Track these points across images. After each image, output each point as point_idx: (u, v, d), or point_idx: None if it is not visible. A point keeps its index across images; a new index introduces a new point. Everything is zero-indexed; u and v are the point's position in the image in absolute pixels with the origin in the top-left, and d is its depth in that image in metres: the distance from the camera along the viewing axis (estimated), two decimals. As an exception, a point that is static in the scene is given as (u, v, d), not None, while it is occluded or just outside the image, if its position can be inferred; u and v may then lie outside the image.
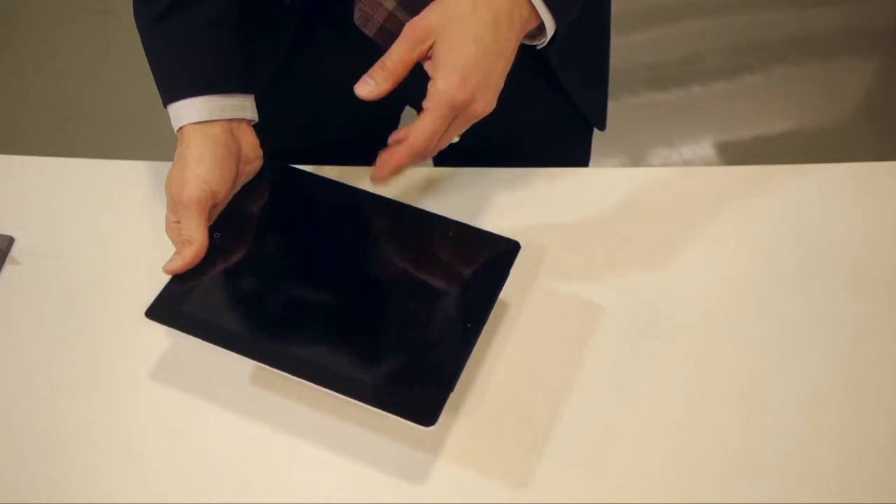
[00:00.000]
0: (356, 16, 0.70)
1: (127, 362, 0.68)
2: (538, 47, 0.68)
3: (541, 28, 0.66)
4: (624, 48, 2.14)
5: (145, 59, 0.72)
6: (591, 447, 0.63)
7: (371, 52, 0.66)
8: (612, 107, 0.92)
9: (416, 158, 0.64)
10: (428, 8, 0.62)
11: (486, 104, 0.62)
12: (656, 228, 0.77)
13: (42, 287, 0.73)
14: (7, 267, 0.74)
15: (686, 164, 1.94)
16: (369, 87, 0.63)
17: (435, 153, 0.65)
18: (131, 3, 0.71)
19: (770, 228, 0.77)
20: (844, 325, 0.70)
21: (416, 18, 0.62)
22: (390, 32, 0.70)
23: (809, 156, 1.95)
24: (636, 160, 1.96)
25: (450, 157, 0.80)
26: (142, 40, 0.71)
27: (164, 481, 0.61)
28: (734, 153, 1.97)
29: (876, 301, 0.72)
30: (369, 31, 0.71)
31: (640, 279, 0.73)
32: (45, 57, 2.16)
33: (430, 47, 0.62)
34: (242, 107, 0.70)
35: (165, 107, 0.69)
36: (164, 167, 0.81)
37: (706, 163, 1.95)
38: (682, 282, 0.73)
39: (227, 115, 0.69)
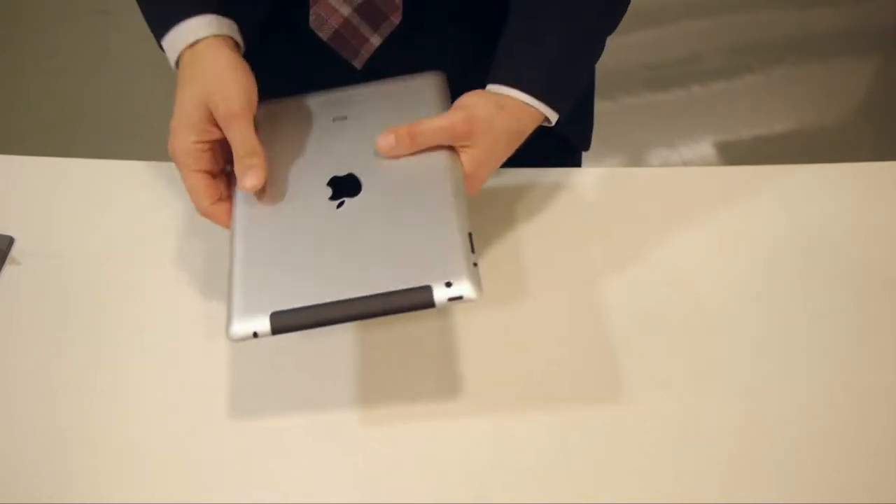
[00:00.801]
0: (311, 19, 0.71)
1: (127, 362, 0.68)
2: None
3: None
4: (624, 48, 2.14)
5: (145, 59, 0.72)
6: (591, 447, 0.63)
7: (324, 53, 0.68)
8: (612, 107, 0.92)
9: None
10: (473, 111, 0.64)
11: (487, 174, 0.66)
12: (656, 228, 0.77)
13: (42, 287, 0.73)
14: (7, 267, 0.74)
15: (686, 164, 1.94)
16: (390, 144, 0.63)
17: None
18: (132, 3, 0.70)
19: (770, 228, 0.77)
20: (844, 325, 0.70)
21: (470, 116, 0.64)
22: (344, 37, 0.72)
23: (809, 156, 1.95)
24: (636, 160, 1.96)
25: None
26: None
27: (164, 481, 0.61)
28: (734, 153, 1.97)
29: (876, 301, 0.72)
30: (323, 35, 0.72)
31: (640, 279, 0.73)
32: (45, 57, 2.16)
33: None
34: (240, 31, 0.68)
35: (166, 31, 0.65)
36: (165, 167, 0.81)
37: (706, 163, 1.95)
38: (682, 282, 0.73)
39: (237, 37, 0.67)
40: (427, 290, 0.56)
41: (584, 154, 0.96)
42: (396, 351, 0.68)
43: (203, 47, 0.64)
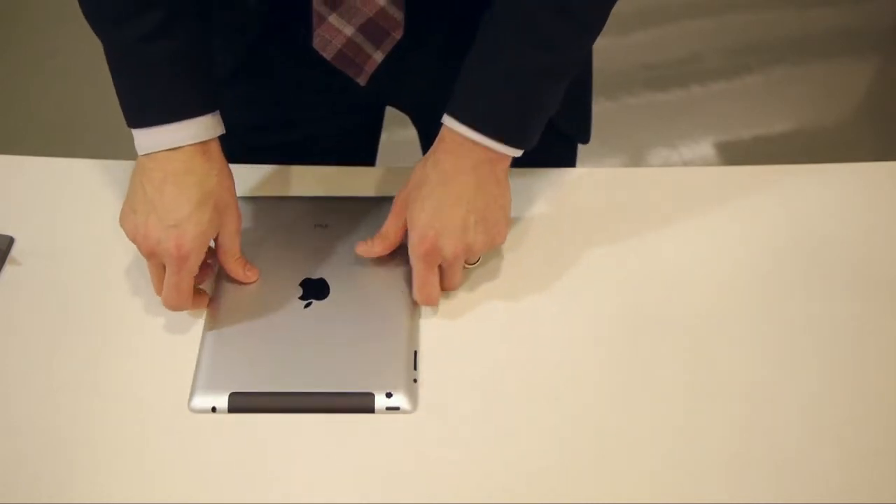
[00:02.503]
0: (315, 40, 0.72)
1: (127, 362, 0.68)
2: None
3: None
4: (624, 48, 2.14)
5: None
6: (591, 447, 0.63)
7: (326, 67, 0.72)
8: (612, 107, 0.92)
9: (423, 302, 0.70)
10: (404, 185, 0.70)
11: (457, 246, 0.67)
12: (656, 228, 0.77)
13: (42, 287, 0.73)
14: (7, 267, 0.74)
15: (686, 164, 1.94)
16: (367, 247, 0.72)
17: (455, 288, 0.72)
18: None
19: (770, 228, 0.77)
20: (845, 325, 0.70)
21: (399, 192, 0.71)
22: (348, 56, 0.72)
23: (809, 156, 1.95)
24: (636, 160, 1.96)
25: None
26: (116, 58, 0.68)
27: (164, 481, 0.61)
28: (734, 153, 1.97)
29: (876, 301, 0.72)
30: (328, 55, 0.73)
31: (640, 279, 0.73)
32: (45, 57, 2.16)
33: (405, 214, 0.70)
34: (220, 123, 0.70)
35: (148, 126, 0.66)
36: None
37: (706, 163, 1.95)
38: (682, 282, 0.73)
39: (218, 133, 0.69)
40: (370, 396, 0.64)
41: (585, 154, 0.96)
42: (396, 351, 0.68)
43: (195, 152, 0.67)
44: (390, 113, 0.94)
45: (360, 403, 0.64)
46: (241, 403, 0.64)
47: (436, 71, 0.75)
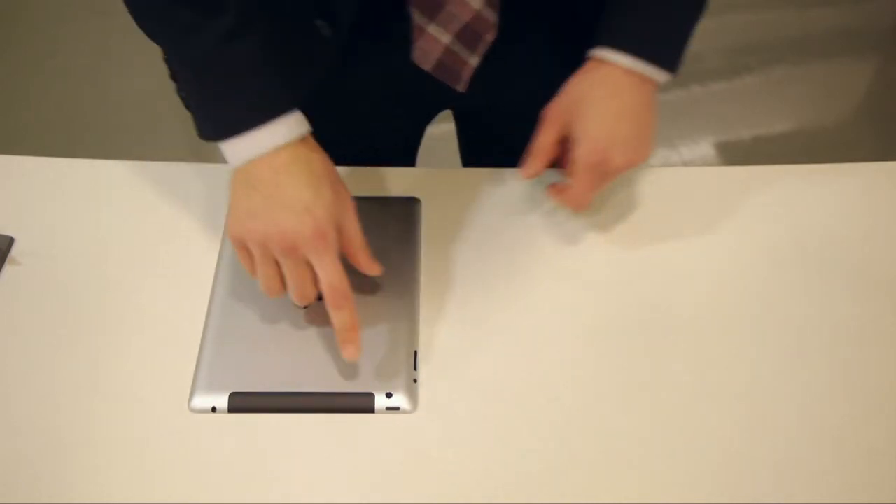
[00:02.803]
0: (415, 53, 0.72)
1: (127, 362, 0.68)
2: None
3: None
4: (624, 48, 2.14)
5: (145, 59, 0.71)
6: (591, 447, 0.63)
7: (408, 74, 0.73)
8: (612, 107, 0.92)
9: (577, 209, 0.76)
10: (558, 96, 0.72)
11: (626, 158, 0.70)
12: (656, 228, 0.77)
13: (42, 287, 0.73)
14: (7, 267, 0.74)
15: (686, 164, 1.94)
16: (527, 172, 0.74)
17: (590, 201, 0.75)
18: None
19: (770, 228, 0.77)
20: (844, 325, 0.70)
21: (550, 105, 0.72)
22: (446, 65, 0.72)
23: (809, 156, 1.95)
24: (636, 160, 1.95)
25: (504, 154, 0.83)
26: (194, 71, 0.64)
27: (164, 481, 0.61)
28: (734, 153, 1.97)
29: (876, 301, 0.72)
30: (427, 66, 0.73)
31: (640, 279, 0.73)
32: (45, 57, 2.16)
33: (565, 126, 0.72)
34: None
35: (242, 133, 0.63)
36: (164, 167, 0.81)
37: (706, 163, 1.94)
38: (682, 282, 0.73)
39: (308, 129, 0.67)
40: (370, 396, 0.65)
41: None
42: (396, 351, 0.68)
43: (299, 150, 0.64)
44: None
45: (360, 403, 0.64)
46: (242, 403, 0.64)
47: (526, 72, 0.77)
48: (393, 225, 0.70)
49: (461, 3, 0.69)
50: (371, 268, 0.68)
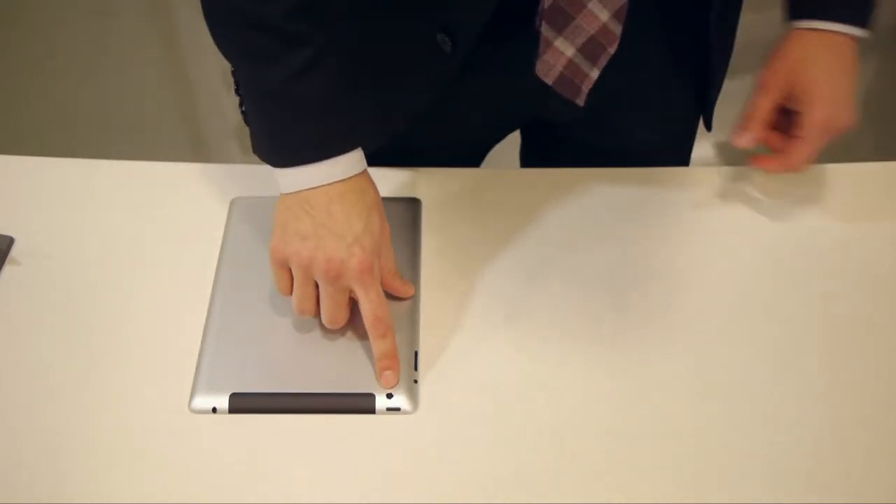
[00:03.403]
0: (538, 67, 0.71)
1: (127, 363, 0.68)
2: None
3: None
4: (624, 48, 2.13)
5: (145, 59, 0.71)
6: (592, 447, 0.63)
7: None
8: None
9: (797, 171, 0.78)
10: (773, 62, 0.76)
11: (849, 116, 0.74)
12: (656, 228, 0.77)
13: (42, 287, 0.73)
14: (7, 267, 0.74)
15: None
16: (748, 138, 0.77)
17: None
18: (131, 4, 0.70)
19: (770, 228, 0.77)
20: (844, 325, 0.70)
21: (766, 69, 0.76)
22: (568, 78, 0.72)
23: (809, 156, 1.94)
24: (636, 160, 1.95)
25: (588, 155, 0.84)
26: (262, 96, 0.65)
27: (164, 481, 0.61)
28: (734, 153, 1.96)
29: (876, 301, 0.72)
30: (549, 80, 0.72)
31: (640, 279, 0.73)
32: (45, 57, 2.16)
33: (786, 90, 0.75)
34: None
35: (297, 165, 0.63)
36: (164, 167, 0.81)
37: (706, 163, 1.94)
38: (682, 281, 0.73)
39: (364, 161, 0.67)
40: (370, 397, 0.65)
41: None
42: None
43: (359, 184, 0.65)
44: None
45: (361, 404, 0.64)
46: (242, 404, 0.64)
47: (643, 84, 0.78)
48: (393, 225, 0.70)
49: (591, 15, 0.68)
50: (406, 291, 0.70)
